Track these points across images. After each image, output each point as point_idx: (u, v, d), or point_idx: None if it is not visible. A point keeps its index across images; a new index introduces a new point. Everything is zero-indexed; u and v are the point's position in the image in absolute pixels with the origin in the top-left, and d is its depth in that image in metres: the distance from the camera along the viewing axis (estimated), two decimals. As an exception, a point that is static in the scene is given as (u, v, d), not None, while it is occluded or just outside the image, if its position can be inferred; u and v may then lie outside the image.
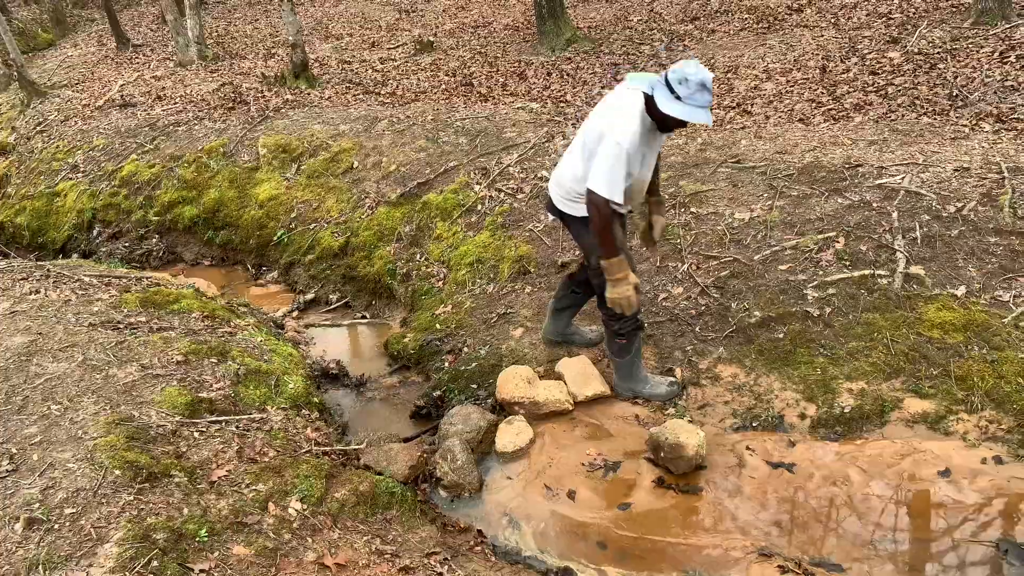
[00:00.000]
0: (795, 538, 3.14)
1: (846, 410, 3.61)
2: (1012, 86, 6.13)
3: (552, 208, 3.85)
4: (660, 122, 3.41)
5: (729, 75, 8.08)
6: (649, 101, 3.37)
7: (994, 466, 3.22)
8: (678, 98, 3.24)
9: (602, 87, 8.45)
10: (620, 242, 3.62)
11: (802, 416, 3.67)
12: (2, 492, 2.76)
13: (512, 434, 3.88)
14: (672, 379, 4.00)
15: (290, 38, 9.58)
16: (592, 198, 3.40)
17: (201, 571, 2.53)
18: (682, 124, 3.39)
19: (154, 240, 7.49)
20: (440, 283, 5.50)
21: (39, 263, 5.75)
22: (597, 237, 3.50)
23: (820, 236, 4.46)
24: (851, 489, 3.26)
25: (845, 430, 3.57)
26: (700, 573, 3.05)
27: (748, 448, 3.58)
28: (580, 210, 3.61)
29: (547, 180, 5.85)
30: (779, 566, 2.95)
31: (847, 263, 4.25)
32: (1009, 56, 6.71)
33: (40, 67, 12.75)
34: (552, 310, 4.30)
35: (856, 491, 3.25)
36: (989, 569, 2.88)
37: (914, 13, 8.63)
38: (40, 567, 2.41)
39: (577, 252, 5.02)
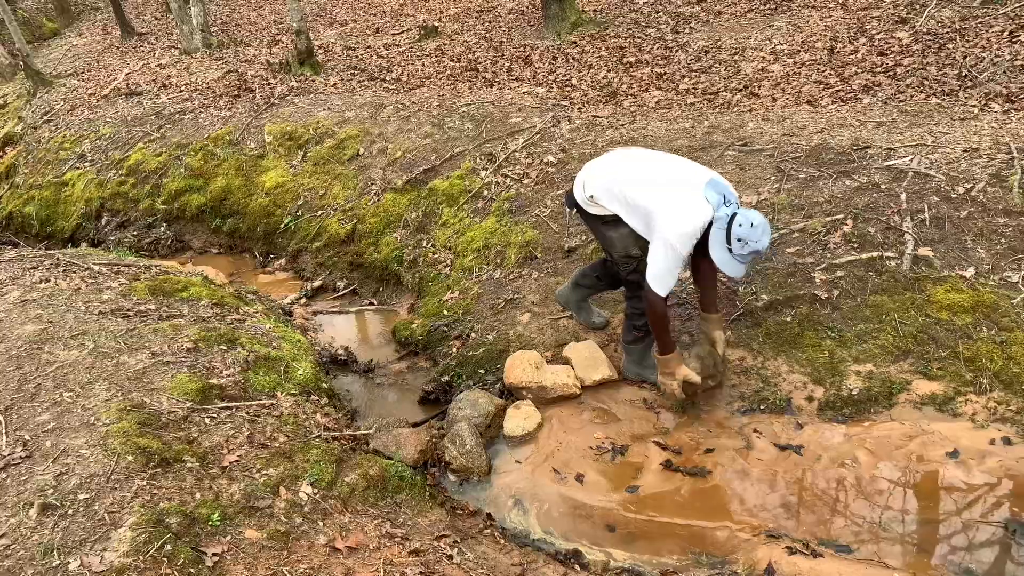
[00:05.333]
0: (803, 520, 3.15)
1: (854, 392, 3.61)
2: (1022, 65, 6.07)
3: (571, 201, 3.84)
4: (699, 243, 3.40)
5: (736, 57, 8.02)
6: (708, 224, 3.33)
7: (1003, 447, 3.22)
8: (729, 249, 3.27)
9: (608, 71, 8.41)
10: (671, 338, 3.66)
11: (810, 398, 3.67)
12: (16, 478, 2.79)
13: (520, 418, 3.90)
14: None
15: (294, 25, 9.55)
16: (650, 295, 3.45)
17: (214, 555, 2.56)
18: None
19: (162, 228, 7.52)
20: (447, 269, 5.51)
21: (49, 252, 5.78)
22: (654, 333, 3.61)
23: (828, 218, 4.44)
24: (859, 471, 3.27)
25: (853, 412, 3.57)
26: (708, 555, 3.07)
27: (756, 431, 3.58)
28: (599, 210, 3.65)
29: (554, 165, 5.84)
30: (787, 547, 2.96)
31: (855, 245, 4.23)
32: (1019, 35, 6.63)
33: (46, 57, 12.76)
34: (575, 281, 4.28)
35: (864, 473, 3.25)
36: (998, 549, 2.88)
37: (923, -8, 8.53)
38: (55, 551, 2.44)
39: (583, 237, 5.02)
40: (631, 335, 3.96)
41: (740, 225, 3.21)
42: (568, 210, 4.01)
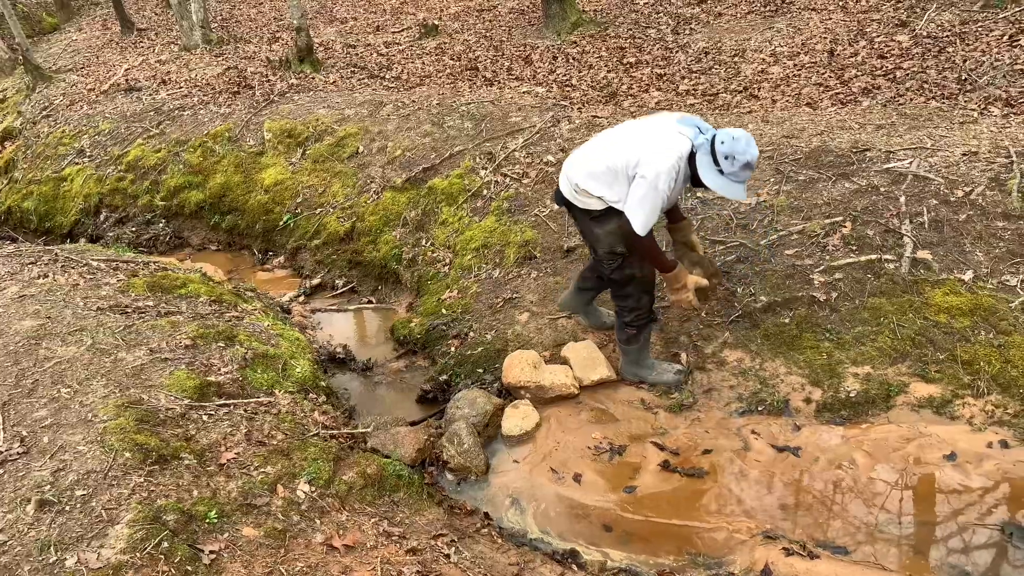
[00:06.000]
0: (800, 521, 3.16)
1: (852, 394, 3.62)
2: (1021, 70, 6.07)
3: (560, 198, 3.84)
4: (694, 179, 3.44)
5: (736, 59, 8.02)
6: (691, 156, 3.37)
7: (1000, 450, 3.23)
8: (720, 171, 3.27)
9: (608, 71, 8.41)
10: (666, 256, 3.71)
11: (808, 400, 3.68)
12: (13, 474, 2.79)
13: (518, 418, 3.90)
14: (680, 367, 4.01)
15: (294, 22, 9.54)
16: (631, 233, 3.48)
17: (211, 552, 2.55)
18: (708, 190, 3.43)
19: (161, 225, 7.50)
20: (446, 268, 5.51)
21: (47, 247, 5.77)
22: (648, 257, 3.64)
23: (827, 221, 4.45)
24: (856, 473, 3.27)
25: (851, 414, 3.57)
26: (705, 555, 3.07)
27: (753, 432, 3.59)
28: (587, 204, 3.63)
29: (553, 165, 5.84)
30: (784, 548, 2.96)
31: (854, 248, 4.23)
32: (1019, 39, 6.64)
33: (45, 51, 12.73)
34: (576, 286, 4.28)
35: (861, 475, 3.26)
36: (994, 552, 2.89)
37: (923, -5, 8.54)
38: (52, 548, 2.43)
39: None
40: (624, 334, 3.96)
41: (723, 143, 3.25)
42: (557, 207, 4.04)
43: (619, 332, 4.00)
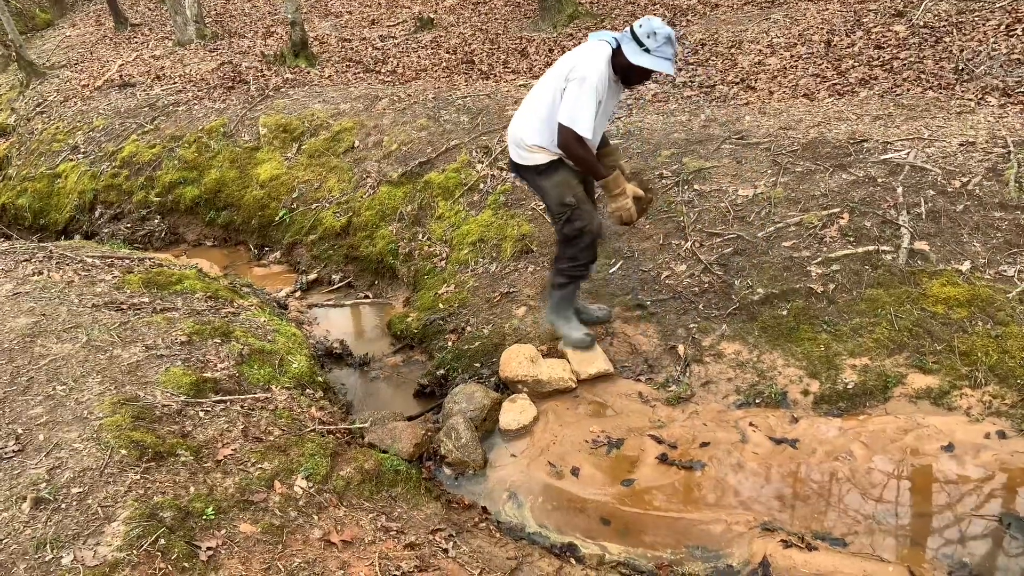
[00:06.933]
0: (798, 513, 3.16)
1: (849, 386, 3.61)
2: (1018, 59, 6.06)
3: (513, 167, 3.92)
4: (624, 75, 3.56)
5: (733, 50, 8.00)
6: (616, 53, 3.50)
7: (997, 441, 3.23)
8: (646, 51, 3.40)
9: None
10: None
11: (805, 392, 3.68)
12: (9, 472, 2.77)
13: (516, 412, 3.90)
14: (588, 331, 4.11)
15: (289, 16, 9.49)
16: (564, 133, 3.50)
17: (208, 549, 2.55)
18: (646, 77, 3.56)
19: (156, 221, 7.48)
20: (442, 263, 5.50)
21: (42, 244, 5.75)
22: (583, 166, 3.67)
23: (824, 212, 4.44)
24: (854, 464, 3.27)
25: (848, 406, 3.57)
26: (703, 548, 3.07)
27: (751, 424, 3.58)
28: (532, 159, 3.73)
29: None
30: (782, 540, 2.96)
31: (851, 239, 4.23)
32: (1015, 29, 6.63)
33: (39, 48, 12.67)
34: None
35: (859, 466, 3.26)
36: (991, 543, 2.89)
37: (920, -14, 8.51)
38: (47, 546, 2.42)
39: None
40: (556, 279, 4.05)
41: (640, 25, 3.44)
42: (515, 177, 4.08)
43: (553, 276, 4.10)
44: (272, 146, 7.26)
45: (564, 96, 3.49)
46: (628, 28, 3.49)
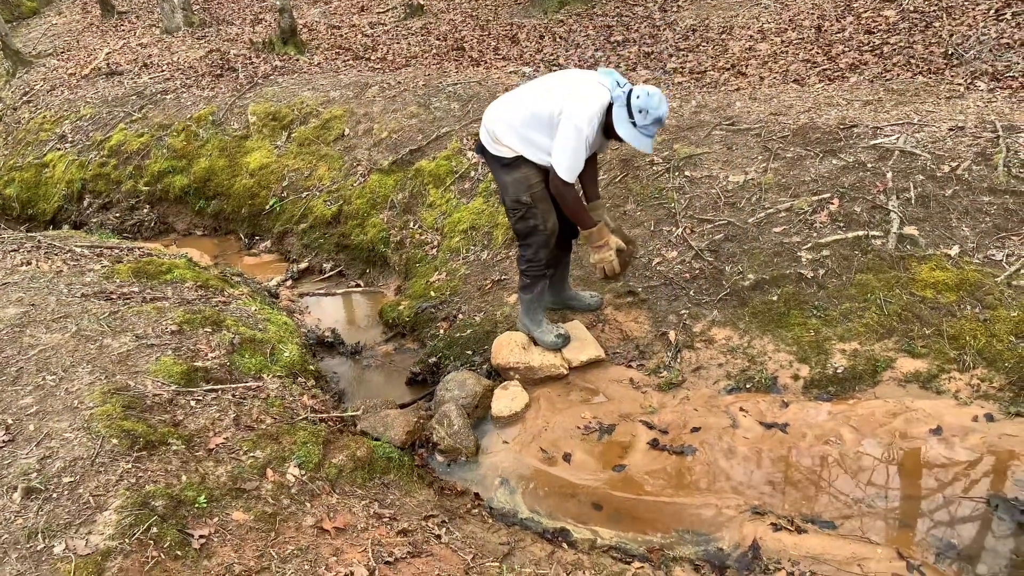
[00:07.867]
0: (788, 496, 3.18)
1: (839, 370, 3.63)
2: (1008, 44, 6.07)
3: (480, 148, 3.91)
4: (606, 128, 3.59)
5: (724, 36, 7.98)
6: (608, 107, 3.52)
7: (985, 423, 3.25)
8: (633, 124, 3.44)
9: (595, 50, 8.35)
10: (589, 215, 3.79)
11: (795, 377, 3.70)
12: None
13: (508, 399, 3.91)
14: (562, 332, 4.09)
15: (278, 3, 9.42)
16: (557, 183, 3.58)
17: (201, 537, 2.55)
18: (621, 141, 3.55)
19: (145, 210, 7.44)
20: (434, 250, 5.49)
21: (30, 234, 5.71)
22: (572, 215, 3.73)
23: (814, 198, 4.45)
24: (843, 448, 3.29)
25: (838, 390, 3.59)
26: (694, 532, 3.09)
27: (742, 409, 3.60)
28: (499, 151, 3.73)
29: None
30: (772, 524, 2.99)
31: (841, 224, 4.24)
32: (1005, 13, 6.64)
33: (25, 36, 12.53)
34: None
35: (848, 450, 3.28)
36: (980, 525, 2.92)
37: (910, -30, 8.50)
38: (39, 535, 2.42)
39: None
40: (521, 280, 4.06)
41: (639, 97, 3.42)
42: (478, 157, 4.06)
43: (520, 278, 4.11)
44: (261, 134, 7.22)
45: (558, 138, 3.51)
46: (629, 90, 3.48)
